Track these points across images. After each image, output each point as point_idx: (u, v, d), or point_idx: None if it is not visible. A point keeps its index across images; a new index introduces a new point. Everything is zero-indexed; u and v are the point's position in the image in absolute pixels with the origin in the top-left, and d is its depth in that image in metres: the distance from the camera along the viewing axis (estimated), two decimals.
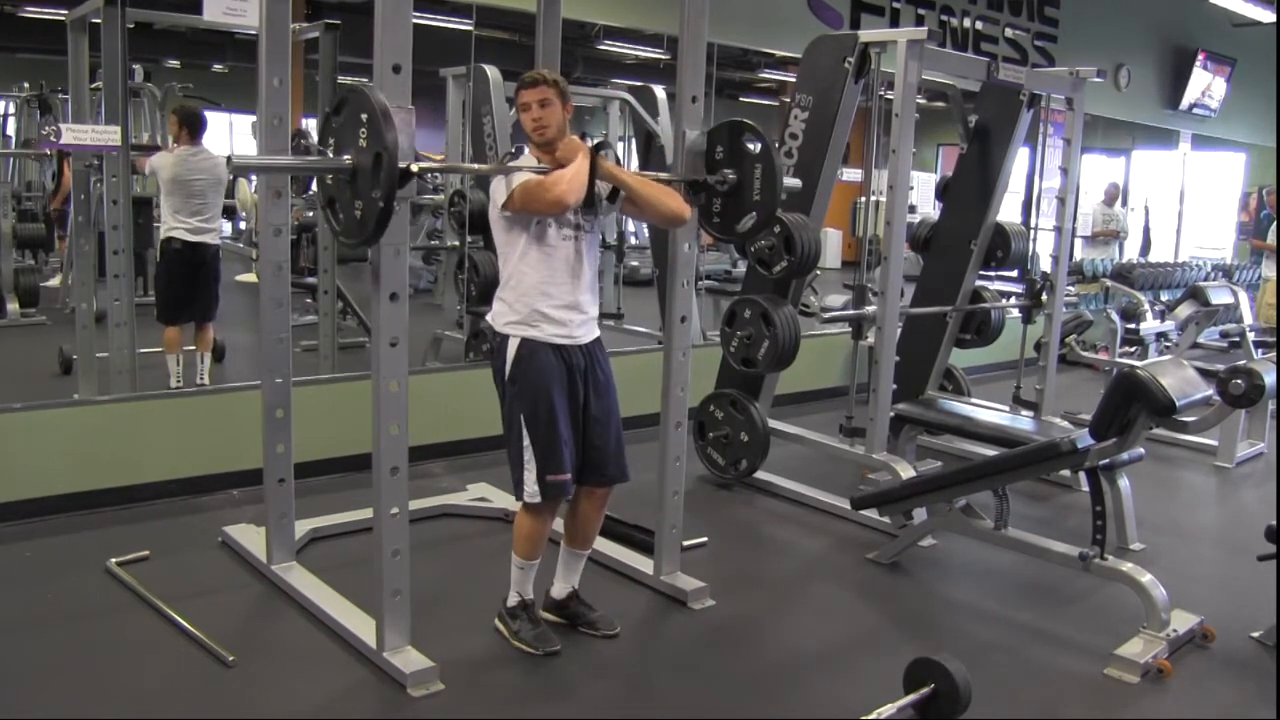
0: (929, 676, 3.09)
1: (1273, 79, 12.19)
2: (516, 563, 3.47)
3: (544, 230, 3.25)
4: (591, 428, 3.41)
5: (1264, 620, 3.84)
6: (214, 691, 3.12)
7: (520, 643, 3.43)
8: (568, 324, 3.31)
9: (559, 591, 3.64)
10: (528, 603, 3.50)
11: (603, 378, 3.44)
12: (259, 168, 3.76)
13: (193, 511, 4.59)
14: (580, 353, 3.35)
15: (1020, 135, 5.79)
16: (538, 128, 3.24)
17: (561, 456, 3.29)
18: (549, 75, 3.27)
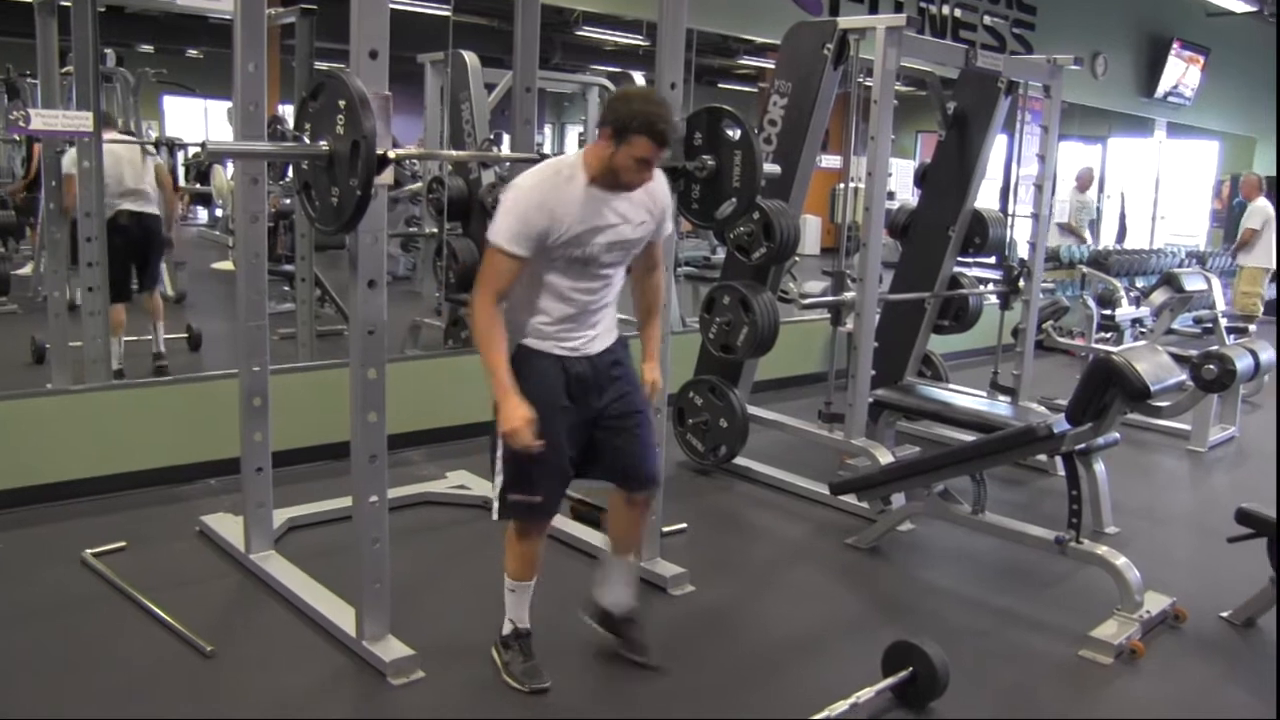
0: (907, 660, 3.11)
1: (1246, 68, 12.31)
2: (507, 584, 3.20)
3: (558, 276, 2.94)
4: (611, 430, 3.10)
5: (1234, 600, 3.89)
6: (192, 682, 3.11)
7: (509, 677, 3.16)
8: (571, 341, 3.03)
9: (615, 607, 3.35)
10: (522, 632, 3.21)
11: (620, 376, 3.12)
12: (235, 153, 3.74)
13: (169, 501, 4.56)
14: (586, 362, 3.05)
15: (998, 122, 5.81)
16: (635, 183, 2.90)
17: (531, 476, 3.00)
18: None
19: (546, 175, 2.89)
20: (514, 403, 2.86)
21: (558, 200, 2.83)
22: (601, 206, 2.89)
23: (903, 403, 5.39)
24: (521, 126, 4.24)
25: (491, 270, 2.85)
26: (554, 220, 2.82)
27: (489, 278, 2.85)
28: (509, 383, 2.87)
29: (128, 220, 6.06)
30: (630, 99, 2.85)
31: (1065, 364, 8.33)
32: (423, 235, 8.24)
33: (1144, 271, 9.73)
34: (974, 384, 6.30)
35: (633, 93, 2.87)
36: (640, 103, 2.82)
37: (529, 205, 2.81)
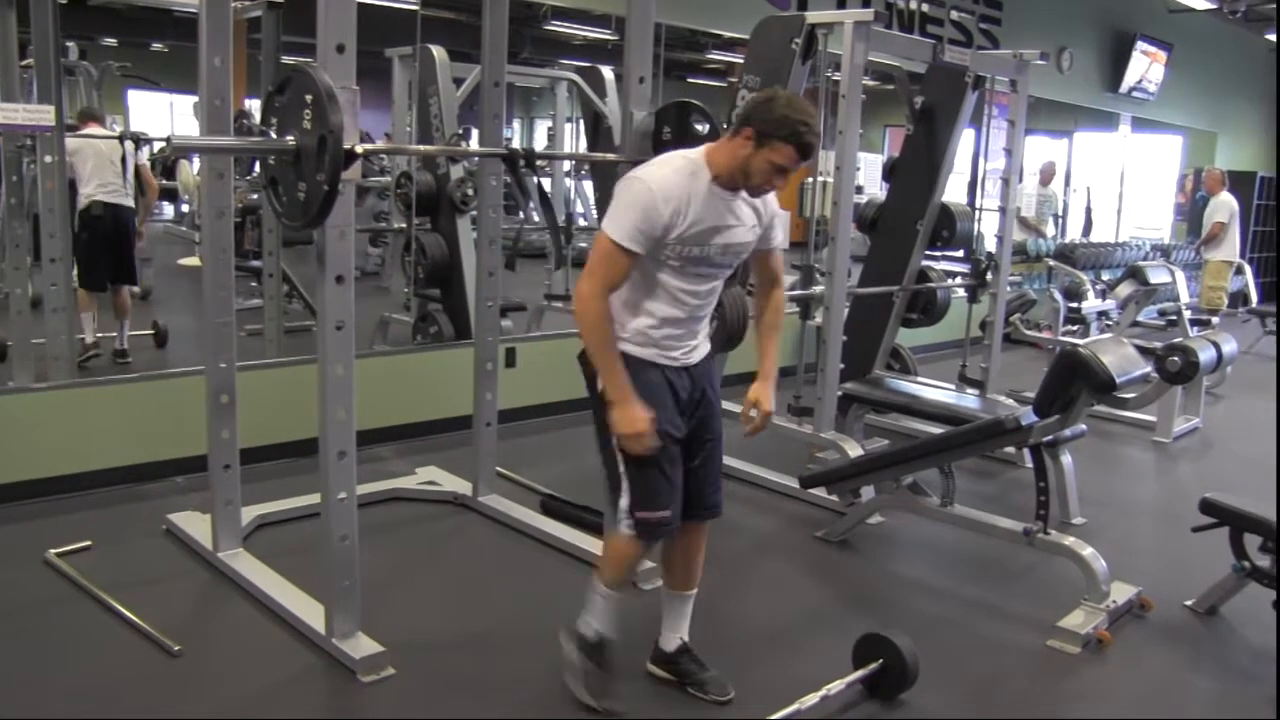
0: (877, 651, 3.13)
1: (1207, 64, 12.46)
2: (600, 590, 2.99)
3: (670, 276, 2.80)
4: (695, 454, 2.97)
5: (1198, 589, 3.94)
6: (160, 683, 3.08)
7: (582, 689, 2.99)
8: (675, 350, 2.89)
9: (668, 643, 3.16)
10: (607, 642, 3.01)
11: (710, 396, 2.99)
12: (200, 148, 3.72)
13: (136, 500, 4.52)
14: (687, 375, 2.91)
15: (965, 117, 5.84)
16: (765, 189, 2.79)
17: (658, 492, 2.84)
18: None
19: (673, 170, 2.73)
20: (635, 404, 2.72)
21: (684, 196, 2.70)
22: (722, 206, 2.77)
23: (871, 396, 5.41)
24: (490, 121, 4.23)
25: (604, 263, 2.70)
26: (677, 216, 2.69)
27: (602, 270, 2.70)
28: (627, 383, 2.73)
29: (101, 211, 6.10)
30: (778, 103, 2.67)
31: (1032, 357, 8.39)
32: (391, 230, 8.20)
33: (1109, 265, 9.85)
34: (942, 377, 6.34)
35: (781, 97, 2.69)
36: (789, 109, 2.66)
37: (654, 200, 2.66)
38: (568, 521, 4.36)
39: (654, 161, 2.82)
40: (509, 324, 6.65)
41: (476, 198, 5.14)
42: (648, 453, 2.75)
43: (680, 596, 3.15)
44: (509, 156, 3.62)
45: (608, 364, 2.73)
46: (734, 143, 2.71)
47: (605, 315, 2.72)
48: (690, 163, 2.76)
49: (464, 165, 6.53)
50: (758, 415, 3.01)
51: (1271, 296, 13.77)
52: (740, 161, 2.71)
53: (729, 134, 2.75)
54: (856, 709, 3.09)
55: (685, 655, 3.15)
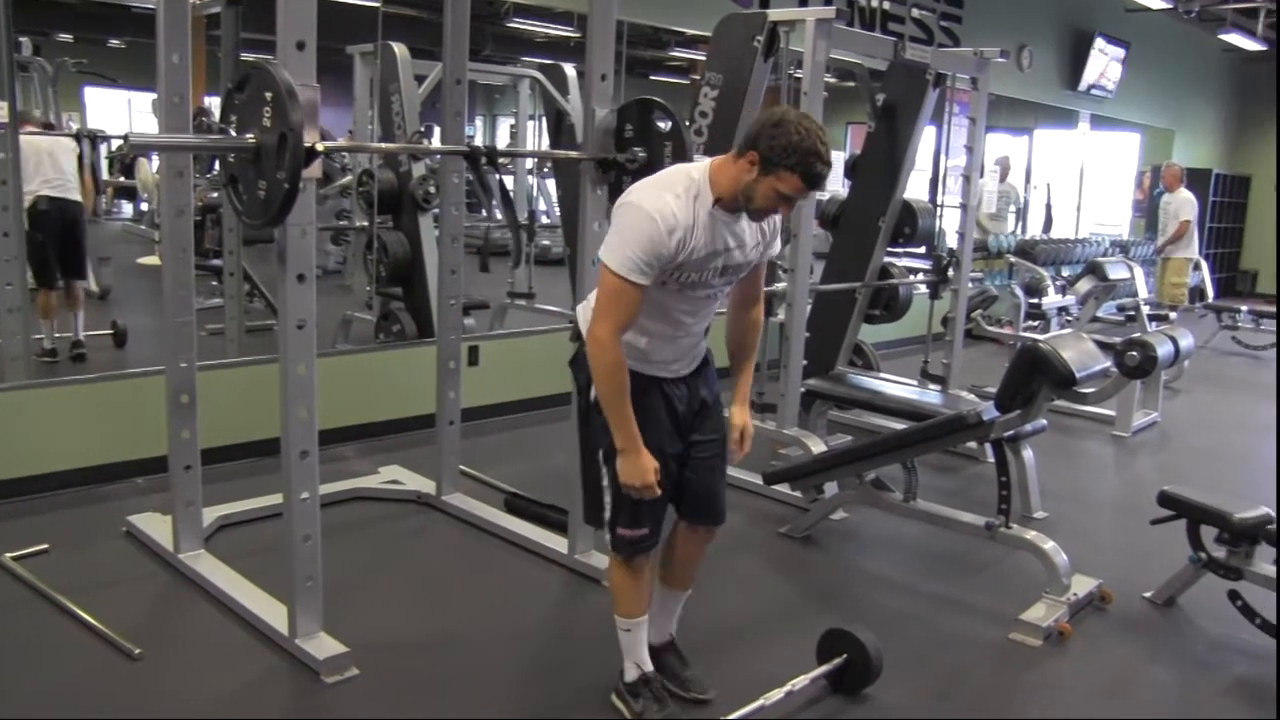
0: (841, 647, 3.14)
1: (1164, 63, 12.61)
2: (621, 624, 2.94)
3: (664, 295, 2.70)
4: (697, 460, 2.92)
5: (1156, 581, 3.99)
6: (120, 687, 3.05)
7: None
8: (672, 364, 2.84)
9: (654, 637, 3.10)
10: (649, 677, 2.96)
11: (710, 401, 2.95)
12: (159, 146, 3.69)
13: (95, 501, 4.47)
14: (684, 384, 2.87)
15: (926, 114, 5.88)
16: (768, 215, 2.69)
17: (638, 510, 2.78)
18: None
19: (674, 196, 2.58)
20: (645, 455, 2.65)
21: (688, 225, 2.57)
22: (722, 229, 2.65)
23: (834, 392, 5.43)
24: (452, 119, 4.21)
25: (614, 300, 2.56)
26: (682, 247, 2.57)
27: (613, 309, 2.57)
28: (637, 433, 2.64)
29: (47, 205, 6.07)
30: (789, 128, 2.51)
31: (994, 352, 8.46)
32: (353, 229, 8.14)
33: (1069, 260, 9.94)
34: (905, 373, 6.39)
35: (791, 121, 2.52)
36: (800, 136, 2.50)
37: (658, 231, 2.52)
38: (532, 519, 4.36)
39: (655, 182, 2.66)
40: (471, 322, 6.63)
41: (438, 196, 5.11)
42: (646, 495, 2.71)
43: (672, 594, 3.11)
44: (471, 154, 3.60)
45: (620, 414, 2.63)
46: (738, 165, 2.58)
47: (622, 363, 2.60)
48: (693, 184, 2.61)
49: (426, 163, 6.50)
50: (743, 437, 2.99)
51: (1227, 292, 13.99)
52: (743, 186, 2.58)
53: (734, 153, 2.61)
54: (821, 704, 3.11)
55: (670, 651, 3.14)
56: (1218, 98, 14.61)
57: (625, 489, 2.70)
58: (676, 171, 2.70)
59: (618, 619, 2.95)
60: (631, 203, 2.59)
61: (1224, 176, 14.52)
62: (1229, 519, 3.67)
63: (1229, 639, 3.70)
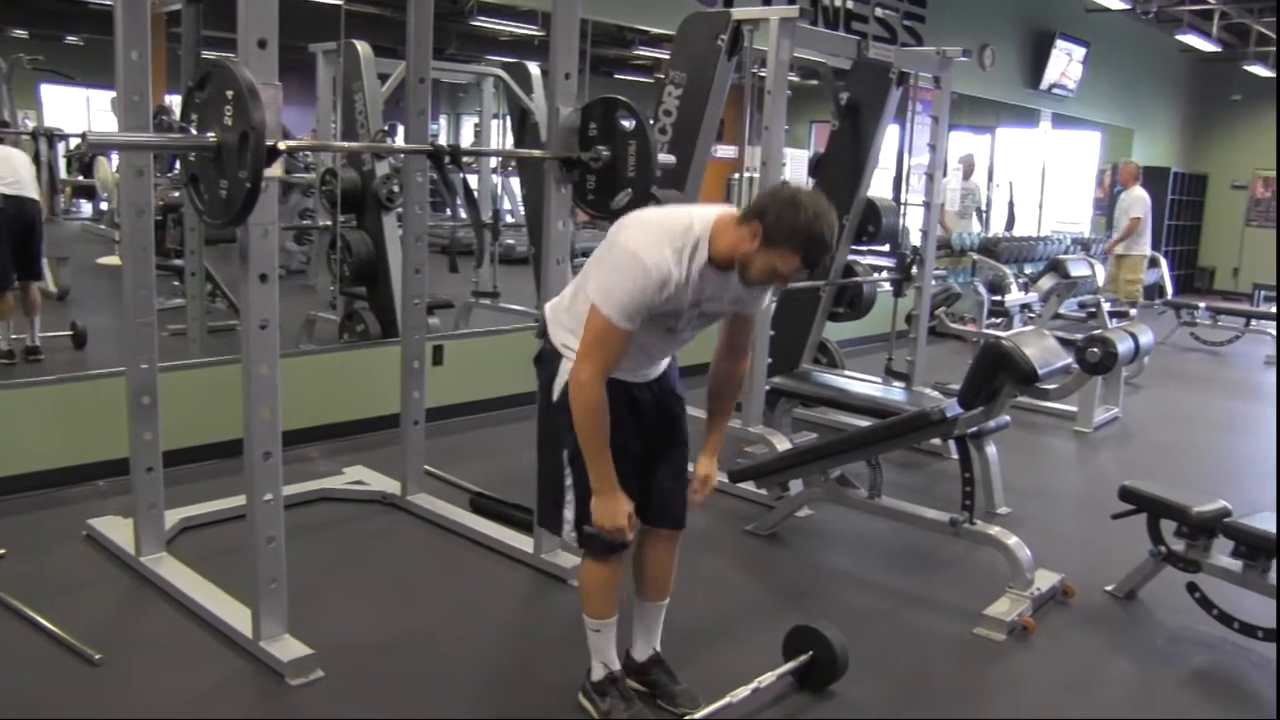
0: (807, 644, 3.16)
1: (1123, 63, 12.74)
2: (590, 624, 2.94)
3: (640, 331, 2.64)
4: (660, 463, 2.91)
5: (1118, 574, 4.04)
6: (80, 693, 3.01)
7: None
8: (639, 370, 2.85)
9: (640, 654, 3.10)
10: (616, 675, 2.96)
11: (675, 405, 2.96)
12: (118, 145, 3.65)
13: (55, 505, 4.42)
14: (648, 388, 2.87)
15: (890, 112, 5.91)
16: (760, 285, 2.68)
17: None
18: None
19: (673, 250, 2.55)
20: (619, 498, 2.67)
21: (680, 280, 2.56)
22: (710, 284, 2.64)
23: (799, 390, 5.45)
24: (416, 117, 4.19)
25: (601, 343, 2.57)
26: (669, 300, 2.57)
27: (600, 350, 2.57)
28: (613, 475, 2.65)
29: (3, 204, 5.95)
30: (800, 209, 2.48)
31: (957, 349, 8.52)
32: (316, 228, 8.10)
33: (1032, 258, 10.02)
34: (869, 370, 6.42)
35: (807, 205, 2.49)
36: (809, 219, 2.48)
37: (651, 284, 2.52)
38: (497, 519, 4.35)
39: (657, 227, 2.61)
40: (436, 321, 6.60)
41: (402, 195, 5.09)
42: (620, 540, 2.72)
43: (651, 607, 3.07)
44: (434, 153, 3.59)
45: (598, 455, 2.63)
46: (740, 230, 2.55)
47: (604, 404, 2.59)
48: (693, 239, 2.58)
49: (390, 162, 6.47)
50: (704, 485, 2.97)
51: (1186, 289, 14.15)
52: (742, 255, 2.56)
53: (740, 218, 2.58)
54: (787, 701, 3.12)
55: (657, 666, 3.09)
56: (1175, 97, 14.78)
57: (597, 529, 2.70)
58: (679, 218, 2.64)
59: (587, 619, 2.94)
60: (631, 250, 2.55)
61: (1182, 174, 14.70)
62: (1188, 513, 3.72)
63: (1187, 630, 3.75)
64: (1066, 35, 11.42)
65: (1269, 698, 3.38)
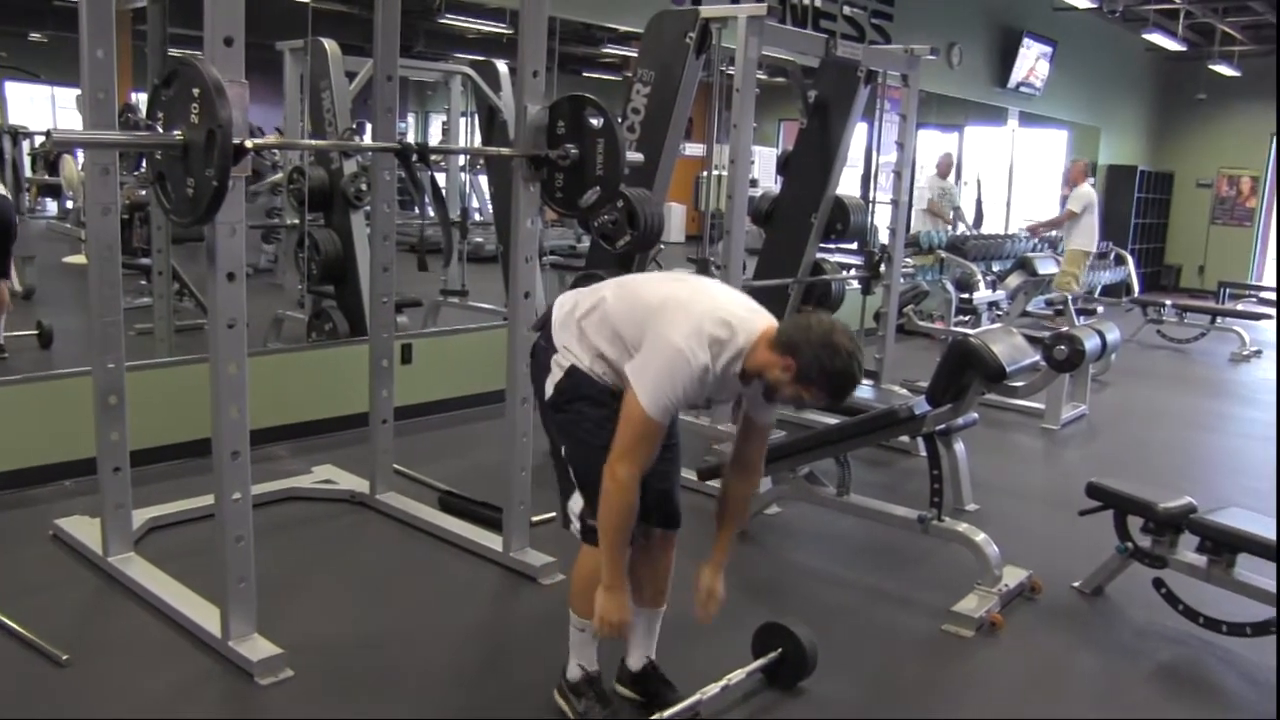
0: (776, 641, 3.18)
1: (1090, 61, 12.84)
2: (575, 622, 2.91)
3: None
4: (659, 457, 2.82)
5: (1085, 570, 4.08)
6: (47, 694, 2.99)
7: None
8: None
9: (635, 662, 3.07)
10: (593, 676, 2.95)
11: None
12: (83, 143, 3.62)
13: (20, 505, 4.38)
14: None
15: (858, 110, 5.94)
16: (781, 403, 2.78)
17: None
18: None
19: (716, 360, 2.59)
20: (622, 600, 2.70)
21: (711, 384, 2.63)
22: (734, 384, 2.71)
23: None
24: (383, 115, 4.18)
25: (644, 443, 2.61)
26: (700, 395, 2.67)
27: (642, 450, 2.61)
28: (624, 574, 2.71)
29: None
30: (835, 354, 2.53)
31: (925, 347, 8.57)
32: (284, 227, 8.05)
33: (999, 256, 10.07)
34: None
35: (839, 345, 2.54)
36: (843, 364, 2.54)
37: (693, 378, 2.56)
38: (467, 518, 4.34)
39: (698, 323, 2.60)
40: (404, 320, 6.58)
41: (370, 193, 5.07)
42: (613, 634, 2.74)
43: (648, 614, 3.04)
44: (402, 151, 3.58)
45: (616, 555, 2.67)
46: (772, 359, 2.59)
47: (635, 506, 2.63)
48: (735, 349, 2.61)
49: (357, 160, 6.44)
50: (709, 599, 2.94)
51: (1152, 287, 14.28)
52: (772, 380, 2.62)
53: (771, 345, 2.60)
54: (757, 698, 3.14)
55: (652, 675, 3.06)
56: (1141, 96, 14.91)
57: (600, 625, 2.71)
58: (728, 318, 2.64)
59: (574, 617, 2.90)
60: (676, 345, 2.57)
61: (1148, 173, 14.83)
62: (1154, 509, 3.76)
63: (1154, 626, 3.79)
64: (1034, 34, 11.50)
65: (1234, 691, 3.43)
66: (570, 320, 2.81)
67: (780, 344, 2.59)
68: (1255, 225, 15.02)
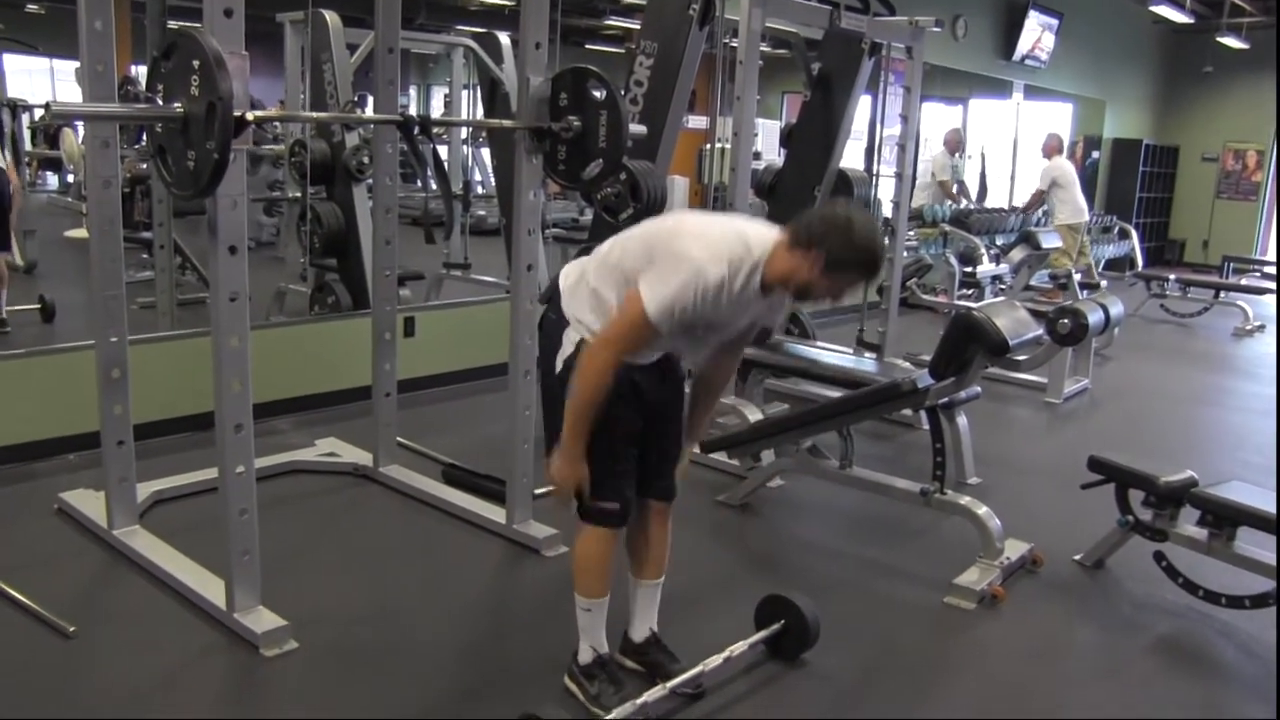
0: (779, 613, 3.19)
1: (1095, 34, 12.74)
2: (580, 604, 2.90)
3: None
4: (657, 438, 2.89)
5: (1086, 544, 4.09)
6: (54, 665, 3.01)
7: (601, 710, 2.78)
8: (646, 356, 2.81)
9: (637, 633, 3.07)
10: (604, 658, 2.92)
11: (676, 384, 2.94)
12: (83, 116, 3.61)
13: (25, 479, 4.39)
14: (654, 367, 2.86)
15: (862, 83, 5.91)
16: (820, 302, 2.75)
17: (614, 481, 2.79)
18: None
19: (731, 269, 2.56)
20: (581, 466, 2.70)
21: (725, 296, 2.58)
22: (746, 304, 2.67)
23: (771, 360, 5.46)
24: (385, 88, 4.16)
25: (632, 332, 2.58)
26: (715, 308, 2.60)
27: (628, 339, 2.60)
28: (583, 448, 2.67)
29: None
30: (853, 232, 2.54)
31: (929, 320, 8.55)
32: (286, 200, 8.04)
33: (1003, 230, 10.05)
34: (840, 341, 6.44)
35: (857, 225, 2.55)
36: (863, 238, 2.55)
37: (702, 288, 2.53)
38: (470, 490, 4.35)
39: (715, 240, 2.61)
40: (407, 293, 6.58)
41: (372, 166, 5.06)
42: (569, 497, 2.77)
43: (648, 585, 3.04)
44: (404, 123, 3.56)
45: (581, 427, 2.64)
46: (796, 258, 2.58)
47: (607, 387, 2.60)
48: (752, 262, 2.60)
49: (359, 133, 6.43)
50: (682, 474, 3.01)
51: (1156, 261, 14.25)
52: (801, 280, 2.60)
53: (792, 244, 2.60)
54: (759, 669, 3.15)
55: (654, 646, 3.05)
56: (1147, 69, 14.81)
57: (551, 480, 2.75)
58: (734, 235, 2.64)
59: (579, 599, 2.90)
60: (691, 256, 2.55)
61: (1153, 147, 14.75)
62: (1155, 483, 3.77)
63: (1153, 599, 3.80)
64: (1039, 6, 11.41)
65: (1232, 663, 3.44)
66: (581, 286, 2.78)
67: (801, 241, 2.58)
68: (1260, 200, 14.94)
